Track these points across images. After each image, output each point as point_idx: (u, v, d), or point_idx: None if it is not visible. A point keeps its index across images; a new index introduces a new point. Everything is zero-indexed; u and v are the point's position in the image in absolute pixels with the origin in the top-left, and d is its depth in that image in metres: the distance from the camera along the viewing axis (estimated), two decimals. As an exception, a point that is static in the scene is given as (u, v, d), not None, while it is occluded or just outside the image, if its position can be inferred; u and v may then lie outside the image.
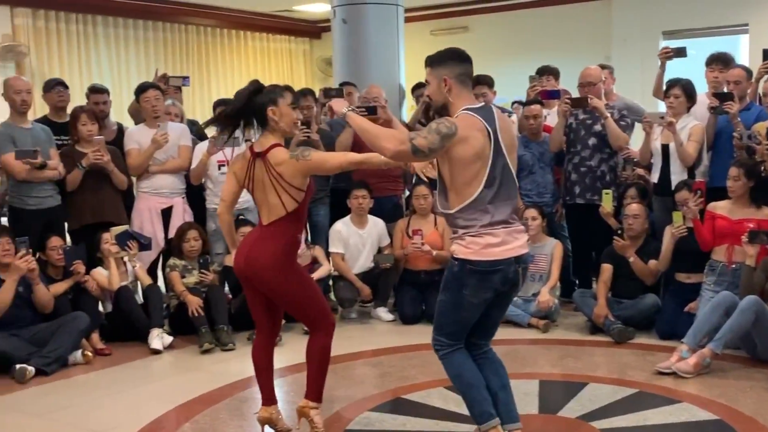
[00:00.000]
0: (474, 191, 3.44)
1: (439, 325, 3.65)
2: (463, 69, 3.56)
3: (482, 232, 3.46)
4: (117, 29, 11.20)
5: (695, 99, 6.05)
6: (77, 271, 5.76)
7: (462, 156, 3.41)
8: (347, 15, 7.91)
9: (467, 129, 3.42)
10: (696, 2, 10.85)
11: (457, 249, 3.51)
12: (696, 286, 5.60)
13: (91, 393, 4.95)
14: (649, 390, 4.62)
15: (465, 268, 3.47)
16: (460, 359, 3.64)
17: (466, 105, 3.51)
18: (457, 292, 3.52)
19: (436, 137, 3.37)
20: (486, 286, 3.50)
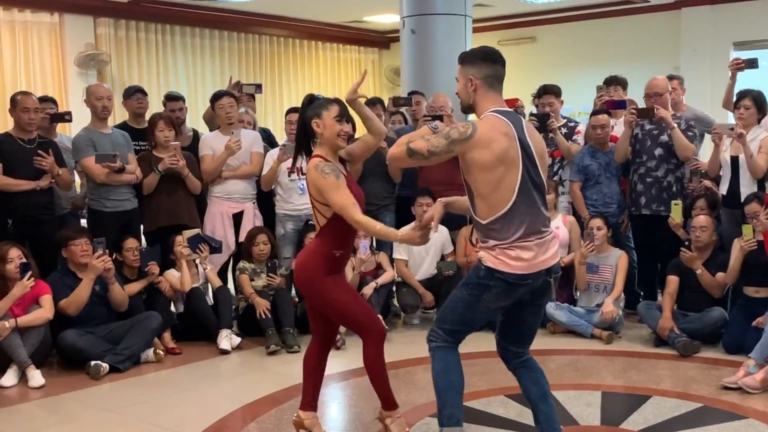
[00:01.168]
0: (506, 201, 3.30)
1: (444, 318, 3.53)
2: (492, 71, 3.40)
3: (515, 246, 3.32)
4: (194, 39, 11.42)
5: (766, 110, 5.89)
6: (151, 272, 5.87)
7: (481, 160, 3.26)
8: (416, 25, 7.90)
9: (491, 132, 3.28)
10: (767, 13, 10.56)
11: (487, 257, 3.36)
12: (764, 300, 5.43)
13: (162, 390, 5.03)
14: (714, 405, 4.49)
15: (492, 276, 3.35)
16: (451, 357, 3.51)
17: (493, 107, 3.38)
18: (477, 295, 3.39)
19: (442, 141, 3.25)
20: (509, 296, 3.39)
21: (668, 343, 5.57)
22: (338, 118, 3.80)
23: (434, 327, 3.55)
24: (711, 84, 10.49)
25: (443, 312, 3.56)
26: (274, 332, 5.82)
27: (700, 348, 5.49)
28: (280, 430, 4.25)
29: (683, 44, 11.30)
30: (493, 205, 3.32)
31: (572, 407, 4.48)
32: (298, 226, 6.53)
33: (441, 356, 3.50)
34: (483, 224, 3.36)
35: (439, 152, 3.27)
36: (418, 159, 3.33)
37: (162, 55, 11.02)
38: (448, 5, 7.86)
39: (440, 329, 3.51)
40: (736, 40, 11.00)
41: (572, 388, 4.83)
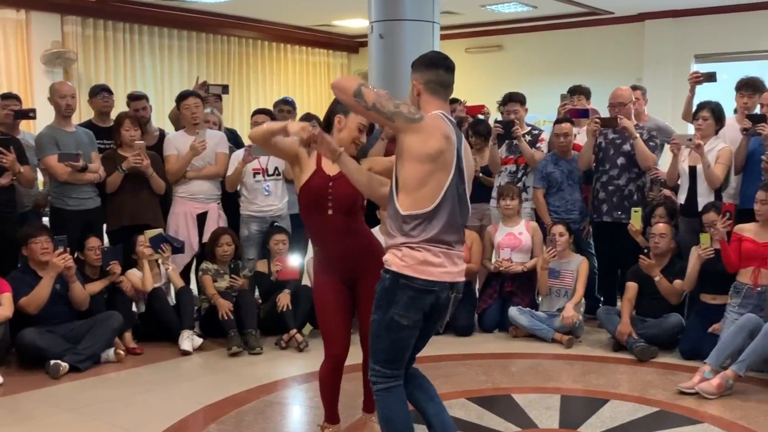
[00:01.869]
0: (430, 201, 3.14)
1: (373, 351, 3.28)
2: (434, 76, 3.27)
3: (422, 247, 3.15)
4: (162, 39, 11.31)
5: (724, 122, 5.98)
6: (113, 271, 5.80)
7: (413, 149, 3.11)
8: (384, 30, 7.88)
9: (434, 128, 3.14)
10: (728, 27, 10.73)
11: (391, 259, 3.18)
12: (720, 307, 5.49)
13: (122, 390, 4.96)
14: (670, 409, 4.52)
15: (398, 282, 3.16)
16: (395, 403, 3.30)
17: (434, 111, 3.24)
18: (387, 311, 3.18)
19: (389, 106, 3.09)
20: (417, 306, 3.18)
21: (626, 348, 5.62)
22: (362, 127, 3.69)
23: (370, 364, 3.31)
24: (673, 95, 10.62)
25: (370, 345, 3.30)
26: (236, 333, 5.77)
27: (658, 353, 5.54)
28: None
29: (646, 56, 11.44)
30: (416, 201, 3.16)
31: (531, 410, 4.49)
32: (262, 227, 6.49)
33: (384, 403, 3.31)
34: (401, 214, 3.17)
35: (380, 112, 3.09)
36: (358, 103, 3.12)
37: (129, 55, 10.91)
38: (417, 12, 7.84)
39: (376, 364, 3.28)
40: (698, 52, 11.15)
41: (532, 391, 4.85)
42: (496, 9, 11.23)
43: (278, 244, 6.24)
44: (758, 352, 4.65)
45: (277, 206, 6.53)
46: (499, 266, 6.29)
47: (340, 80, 3.23)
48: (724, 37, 10.83)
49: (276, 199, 6.51)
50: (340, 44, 14.16)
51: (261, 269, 6.34)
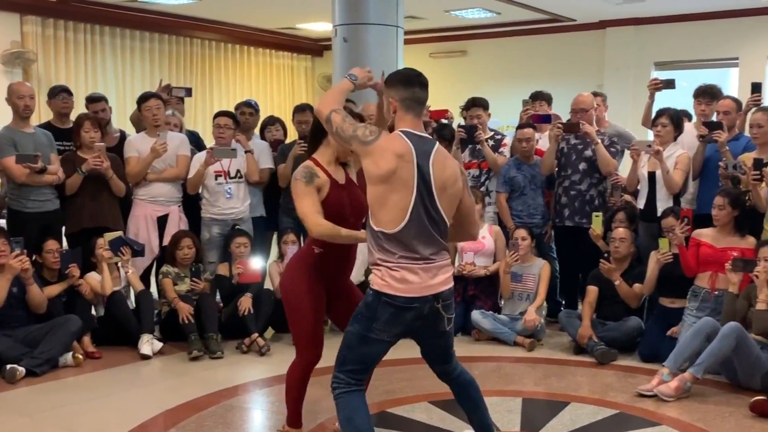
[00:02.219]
0: (395, 222, 3.19)
1: (342, 360, 3.35)
2: (409, 94, 3.31)
3: (400, 266, 3.21)
4: (123, 40, 11.18)
5: (682, 128, 6.05)
6: (72, 274, 5.71)
7: (368, 170, 3.23)
8: (348, 34, 7.89)
9: (384, 149, 3.20)
10: (688, 35, 10.89)
11: (373, 278, 3.29)
12: (679, 311, 5.56)
13: (80, 395, 4.88)
14: (629, 411, 4.56)
15: (380, 300, 3.23)
16: (356, 403, 3.36)
17: (404, 128, 3.30)
18: (367, 325, 3.25)
19: (348, 130, 3.27)
20: (398, 322, 3.25)
21: (587, 351, 5.65)
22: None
23: (335, 372, 3.37)
24: (633, 102, 10.75)
25: (340, 354, 3.36)
26: (197, 337, 5.71)
27: (617, 356, 5.59)
28: (200, 436, 4.17)
29: (607, 63, 11.56)
30: (383, 221, 3.22)
31: (493, 413, 4.40)
32: (224, 230, 6.44)
33: (345, 403, 3.35)
34: (375, 230, 3.25)
35: (341, 137, 3.31)
36: (328, 128, 3.39)
37: (90, 56, 10.76)
38: (380, 16, 7.86)
39: (341, 373, 3.35)
40: (658, 60, 11.30)
41: (495, 394, 4.84)
42: (460, 14, 11.27)
43: (240, 247, 6.20)
44: (715, 355, 4.69)
45: (239, 209, 6.49)
46: (462, 270, 6.30)
47: (319, 104, 3.41)
48: (684, 45, 10.99)
49: (238, 202, 6.47)
50: (304, 47, 14.12)
51: (222, 272, 6.29)
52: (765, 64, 10.49)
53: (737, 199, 5.32)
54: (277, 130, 7.36)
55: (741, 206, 5.33)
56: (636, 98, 10.95)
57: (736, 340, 4.66)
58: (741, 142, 5.88)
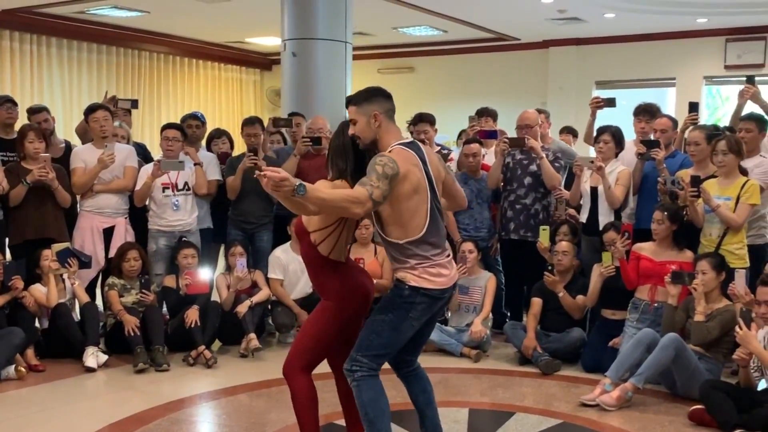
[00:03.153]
0: (420, 227, 3.40)
1: (368, 345, 3.44)
2: (390, 105, 3.52)
3: (435, 263, 3.44)
4: (71, 51, 11.04)
5: (623, 145, 6.13)
6: (15, 286, 5.55)
7: (403, 192, 3.35)
8: (297, 48, 7.87)
9: (405, 163, 3.35)
10: (627, 56, 11.12)
11: (409, 277, 3.42)
12: (620, 322, 5.62)
13: (24, 409, 4.74)
14: (573, 421, 4.58)
15: (418, 293, 3.42)
16: (378, 384, 3.46)
17: (395, 140, 3.46)
18: (402, 315, 3.42)
19: (385, 183, 3.25)
20: (430, 310, 3.49)
21: (532, 361, 5.69)
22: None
23: (356, 356, 3.43)
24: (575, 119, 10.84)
25: (366, 340, 3.44)
26: (143, 350, 5.60)
27: (561, 366, 5.63)
28: (145, 450, 4.08)
29: (550, 81, 11.75)
30: (409, 231, 3.40)
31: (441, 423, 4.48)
32: (171, 242, 6.34)
33: (369, 385, 3.43)
34: (400, 244, 3.41)
35: (387, 192, 3.26)
36: (378, 206, 3.30)
37: (36, 66, 10.59)
38: (329, 31, 7.87)
39: (365, 357, 3.43)
40: (598, 79, 11.52)
41: (442, 405, 4.68)
42: (408, 32, 11.35)
43: (187, 258, 6.11)
44: (655, 365, 4.75)
45: (186, 221, 6.40)
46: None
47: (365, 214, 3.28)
48: (623, 65, 11.23)
49: (185, 214, 6.38)
50: (253, 61, 14.08)
51: (169, 284, 6.19)
52: (701, 84, 10.78)
53: (676, 214, 5.41)
54: (224, 143, 7.30)
55: (679, 221, 5.42)
56: (578, 116, 11.10)
57: (675, 350, 4.73)
58: (677, 159, 5.99)
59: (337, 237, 3.54)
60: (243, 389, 5.16)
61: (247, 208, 6.66)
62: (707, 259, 5.04)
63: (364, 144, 3.50)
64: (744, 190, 5.24)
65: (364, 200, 3.20)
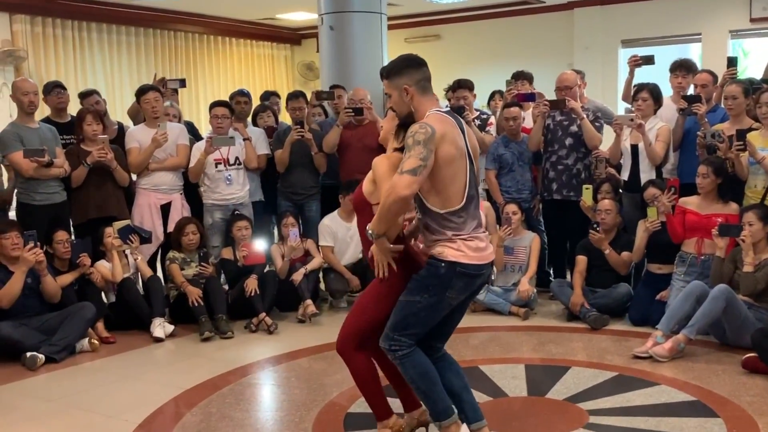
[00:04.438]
0: (460, 196, 3.21)
1: (405, 325, 3.27)
2: (422, 74, 3.27)
3: (473, 236, 3.25)
4: (110, 35, 11.01)
5: (662, 102, 6.06)
6: (83, 263, 5.64)
7: (445, 154, 3.14)
8: (334, 22, 7.82)
9: (444, 125, 3.16)
10: (652, 13, 10.91)
11: (447, 252, 3.22)
12: (666, 276, 5.60)
13: (101, 379, 4.83)
14: (627, 373, 4.59)
15: (454, 270, 3.22)
16: (423, 358, 3.33)
17: (431, 108, 3.24)
18: (440, 294, 3.24)
19: (420, 148, 3.05)
20: (469, 288, 3.31)
21: (580, 317, 5.69)
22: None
23: (393, 336, 3.28)
24: (602, 79, 10.81)
25: (401, 320, 3.28)
26: (207, 319, 5.68)
27: (609, 321, 5.63)
28: (223, 415, 4.13)
29: (576, 42, 11.56)
30: (448, 199, 3.21)
31: (499, 380, 4.52)
32: (225, 215, 6.40)
33: (412, 360, 3.30)
34: (441, 213, 3.22)
35: (427, 156, 3.07)
36: (422, 171, 3.08)
37: (79, 52, 10.58)
38: (365, 3, 7.81)
39: (402, 336, 3.28)
40: (624, 38, 11.31)
41: (497, 362, 4.87)
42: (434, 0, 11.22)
43: (241, 230, 6.16)
44: (707, 316, 4.73)
45: (239, 194, 6.44)
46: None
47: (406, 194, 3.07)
48: (648, 23, 11.01)
49: (238, 188, 6.42)
50: (283, 37, 14.00)
51: (226, 256, 6.25)
52: (726, 38, 10.56)
53: (720, 167, 5.35)
54: (269, 117, 7.31)
55: (724, 174, 5.36)
56: (605, 75, 11.02)
57: (726, 301, 4.71)
58: (718, 114, 5.91)
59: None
60: (304, 353, 5.22)
61: (295, 180, 6.68)
62: (754, 210, 4.99)
63: (401, 117, 3.32)
64: (788, 141, 5.17)
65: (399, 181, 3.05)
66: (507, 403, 4.16)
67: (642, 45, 11.09)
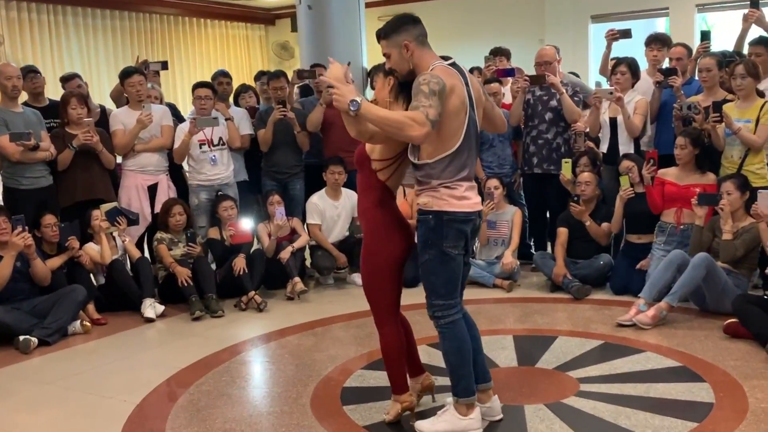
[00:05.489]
0: (455, 143, 3.16)
1: (432, 288, 3.28)
2: (419, 30, 3.24)
3: (456, 185, 3.20)
4: (86, 19, 10.83)
5: (639, 75, 6.06)
6: (72, 246, 5.55)
7: (452, 107, 3.10)
8: (312, 2, 7.72)
9: (450, 78, 3.12)
10: (620, -12, 10.92)
11: (431, 201, 3.21)
12: (646, 245, 5.64)
13: (96, 360, 4.76)
14: (613, 341, 4.61)
15: (441, 220, 3.21)
16: (463, 333, 3.31)
17: (433, 61, 3.19)
18: (438, 247, 3.21)
19: (434, 99, 3.01)
20: (462, 235, 3.25)
21: (563, 288, 5.72)
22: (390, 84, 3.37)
23: (431, 302, 3.30)
24: (573, 54, 10.77)
25: (427, 284, 3.30)
26: (197, 299, 5.63)
27: (591, 291, 5.66)
28: (220, 393, 4.09)
29: (547, 18, 11.53)
30: (442, 146, 3.17)
31: (489, 351, 4.48)
32: (211, 195, 6.35)
33: (452, 334, 3.30)
34: (429, 163, 3.19)
35: (441, 109, 3.04)
36: (436, 125, 3.05)
37: (55, 36, 10.40)
38: (342, -18, 7.73)
39: (439, 299, 3.28)
40: (594, 13, 11.31)
41: (485, 333, 4.75)
42: (408, -21, 11.14)
43: (227, 210, 6.10)
44: (688, 283, 4.77)
45: (224, 175, 6.38)
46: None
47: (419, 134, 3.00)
48: (616, -2, 11.03)
49: (223, 168, 6.36)
50: (258, 17, 13.86)
51: (213, 236, 6.18)
52: (693, 12, 10.60)
53: (698, 138, 5.38)
54: (251, 97, 7.26)
55: (701, 145, 5.38)
56: (576, 50, 11.00)
57: (707, 268, 4.74)
58: (693, 86, 5.94)
59: (395, 168, 3.37)
60: (295, 330, 5.19)
61: (279, 159, 6.62)
62: (731, 180, 5.03)
63: (402, 76, 3.27)
64: (763, 111, 5.18)
65: (422, 122, 2.98)
66: (499, 373, 4.15)
67: (611, 20, 11.07)
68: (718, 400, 3.65)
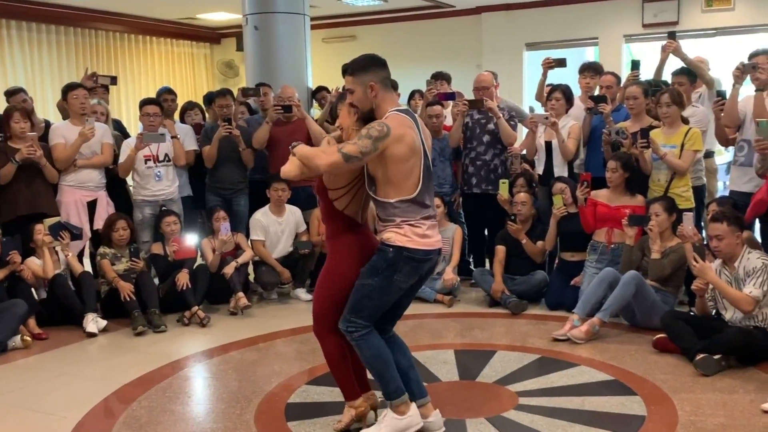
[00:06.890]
0: (415, 187, 3.25)
1: (359, 308, 3.30)
2: (386, 73, 3.33)
3: (420, 223, 3.28)
4: (30, 33, 10.49)
5: (573, 102, 6.16)
6: (13, 260, 5.33)
7: (398, 154, 3.19)
8: (259, 22, 7.64)
9: (400, 127, 3.20)
10: (554, 18, 11.11)
11: (394, 237, 3.26)
12: (579, 263, 5.70)
13: (36, 376, 4.56)
14: (549, 355, 4.64)
15: (401, 255, 3.25)
16: (377, 339, 3.36)
17: (392, 107, 3.30)
18: (388, 278, 3.26)
19: (368, 142, 3.12)
20: (416, 273, 3.32)
21: (500, 303, 5.74)
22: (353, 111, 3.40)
23: (350, 318, 3.31)
24: (508, 80, 10.90)
25: (356, 303, 3.30)
26: (140, 314, 5.47)
27: (528, 306, 5.70)
28: (163, 409, 3.96)
29: (484, 44, 11.67)
30: (401, 190, 3.25)
31: (431, 365, 4.49)
32: (155, 211, 6.18)
33: (367, 342, 3.33)
34: (391, 202, 3.26)
35: (369, 152, 3.14)
36: (354, 162, 3.16)
37: (-1, 49, 10.05)
38: (289, 4, 7.68)
39: (359, 318, 3.30)
40: (528, 41, 11.49)
41: (427, 348, 4.85)
42: (351, 2, 11.14)
43: (170, 226, 5.96)
44: (619, 300, 4.84)
45: (169, 190, 6.24)
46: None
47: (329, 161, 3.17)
48: (550, 28, 11.21)
49: (167, 184, 6.22)
50: (203, 36, 13.66)
51: (156, 251, 6.03)
52: (621, 42, 10.85)
53: (628, 162, 5.47)
54: (197, 114, 7.13)
55: (631, 169, 5.47)
56: (511, 76, 11.14)
57: (636, 286, 4.82)
58: (622, 113, 6.03)
59: (352, 196, 3.38)
60: (238, 345, 5.08)
61: (223, 175, 6.50)
62: (659, 202, 5.13)
63: (362, 113, 3.34)
64: (687, 137, 5.32)
65: (330, 152, 3.16)
66: (441, 387, 4.13)
67: (544, 48, 11.28)
68: (650, 413, 3.69)
